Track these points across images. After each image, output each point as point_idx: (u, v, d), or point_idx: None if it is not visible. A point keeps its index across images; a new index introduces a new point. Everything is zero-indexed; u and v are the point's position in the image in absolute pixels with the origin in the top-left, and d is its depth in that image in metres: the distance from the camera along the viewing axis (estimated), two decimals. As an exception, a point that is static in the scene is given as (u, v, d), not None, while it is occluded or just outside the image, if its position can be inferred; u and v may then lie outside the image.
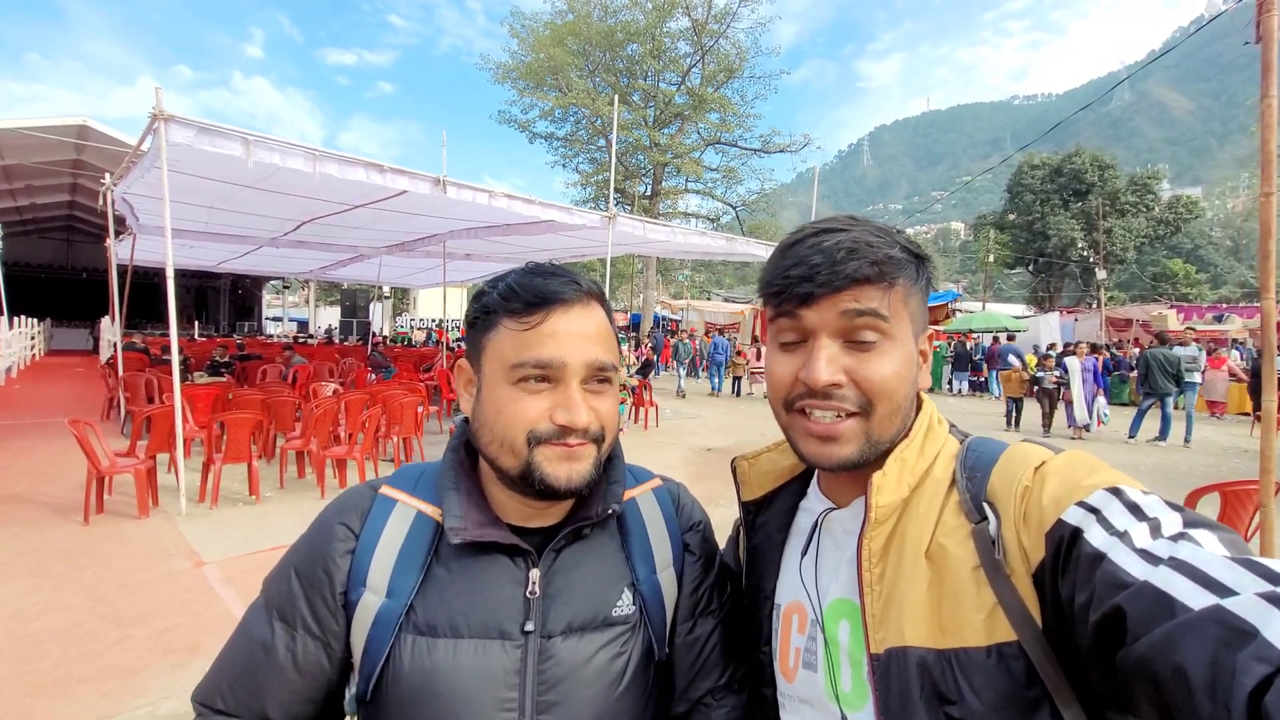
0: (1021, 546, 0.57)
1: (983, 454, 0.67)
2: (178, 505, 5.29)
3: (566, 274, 0.76)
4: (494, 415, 0.72)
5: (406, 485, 0.81)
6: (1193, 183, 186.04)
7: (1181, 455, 9.19)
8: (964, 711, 0.57)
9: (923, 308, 0.72)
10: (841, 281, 0.66)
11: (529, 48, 25.94)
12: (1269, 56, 2.82)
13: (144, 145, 5.89)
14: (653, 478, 0.93)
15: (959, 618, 0.59)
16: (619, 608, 0.78)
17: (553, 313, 0.72)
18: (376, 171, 6.39)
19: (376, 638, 0.72)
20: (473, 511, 0.75)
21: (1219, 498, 3.33)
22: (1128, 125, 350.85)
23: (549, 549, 0.77)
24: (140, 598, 3.72)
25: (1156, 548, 0.49)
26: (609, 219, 8.81)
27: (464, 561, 0.75)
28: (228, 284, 33.43)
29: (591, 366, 0.73)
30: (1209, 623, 0.42)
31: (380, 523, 0.77)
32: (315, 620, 0.75)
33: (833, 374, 0.66)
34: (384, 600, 0.73)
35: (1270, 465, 2.71)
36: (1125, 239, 36.81)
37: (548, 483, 0.71)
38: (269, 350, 15.38)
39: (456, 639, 0.71)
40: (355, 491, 0.82)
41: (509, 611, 0.73)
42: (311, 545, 0.78)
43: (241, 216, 9.76)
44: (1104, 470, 0.59)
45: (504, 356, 0.72)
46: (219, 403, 7.58)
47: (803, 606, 0.75)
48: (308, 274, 20.93)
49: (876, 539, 0.66)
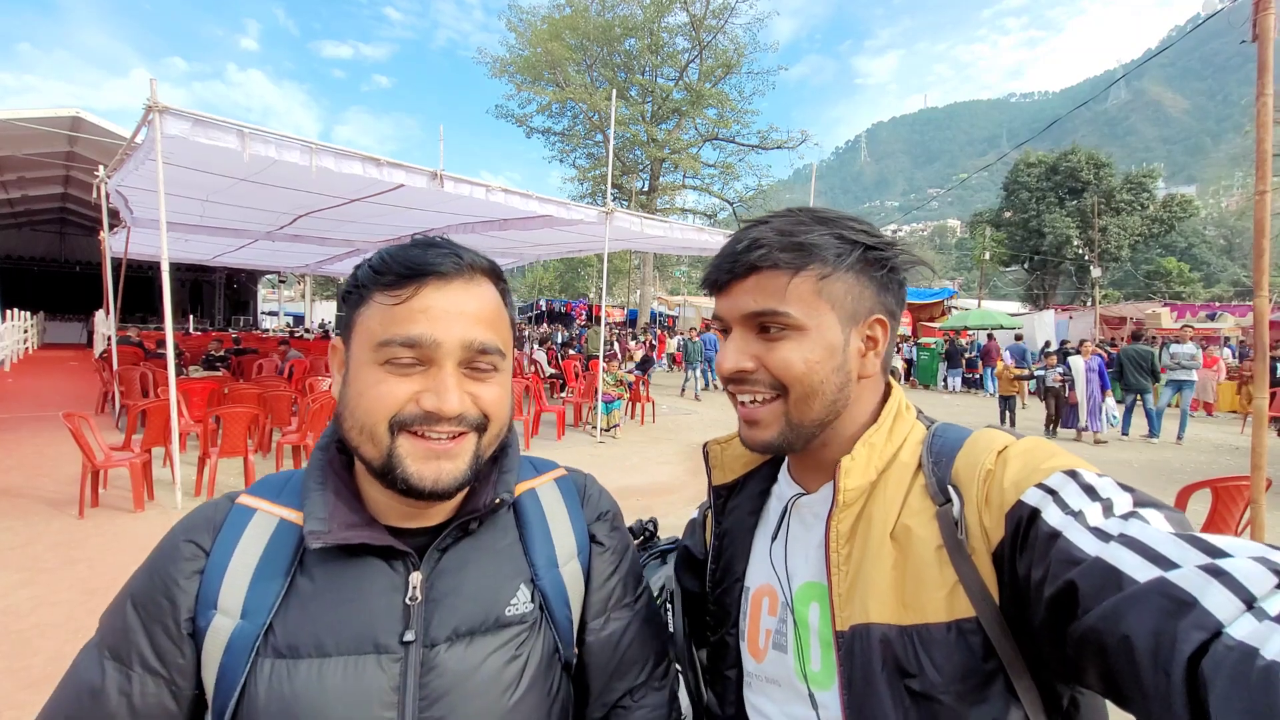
0: (983, 526, 0.60)
1: (948, 439, 0.69)
2: (173, 499, 5.29)
3: (450, 246, 0.68)
4: (356, 398, 0.65)
5: (269, 492, 0.73)
6: (1187, 181, 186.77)
7: (1174, 452, 9.26)
8: (924, 684, 0.59)
9: (855, 293, 0.71)
10: (741, 270, 0.70)
11: (526, 42, 25.83)
12: (1264, 55, 2.84)
13: (138, 137, 5.85)
14: (556, 468, 0.87)
15: (921, 595, 0.61)
16: (514, 606, 0.71)
17: (426, 286, 0.65)
18: (373, 165, 6.36)
19: (229, 667, 0.62)
20: (340, 512, 0.67)
21: (1210, 494, 3.36)
22: (1124, 124, 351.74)
23: (432, 549, 0.70)
24: (136, 591, 3.71)
25: (1108, 525, 0.51)
26: (606, 214, 8.80)
27: (332, 570, 0.66)
28: (223, 278, 33.25)
29: (470, 348, 0.65)
30: (1153, 594, 0.44)
31: (235, 536, 0.68)
32: (156, 655, 0.64)
33: (738, 361, 0.71)
34: (237, 622, 0.64)
35: (1261, 461, 2.73)
36: (1120, 237, 36.96)
37: (410, 483, 0.63)
38: (265, 344, 15.34)
39: (323, 659, 0.63)
40: (208, 504, 0.72)
41: (385, 622, 0.65)
42: (152, 569, 0.67)
43: (237, 210, 9.70)
44: (1062, 455, 0.61)
45: (371, 333, 0.65)
46: (214, 397, 7.56)
47: (773, 589, 0.77)
48: (304, 268, 20.85)
49: (844, 521, 0.68)
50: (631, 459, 7.97)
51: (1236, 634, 0.40)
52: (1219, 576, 0.43)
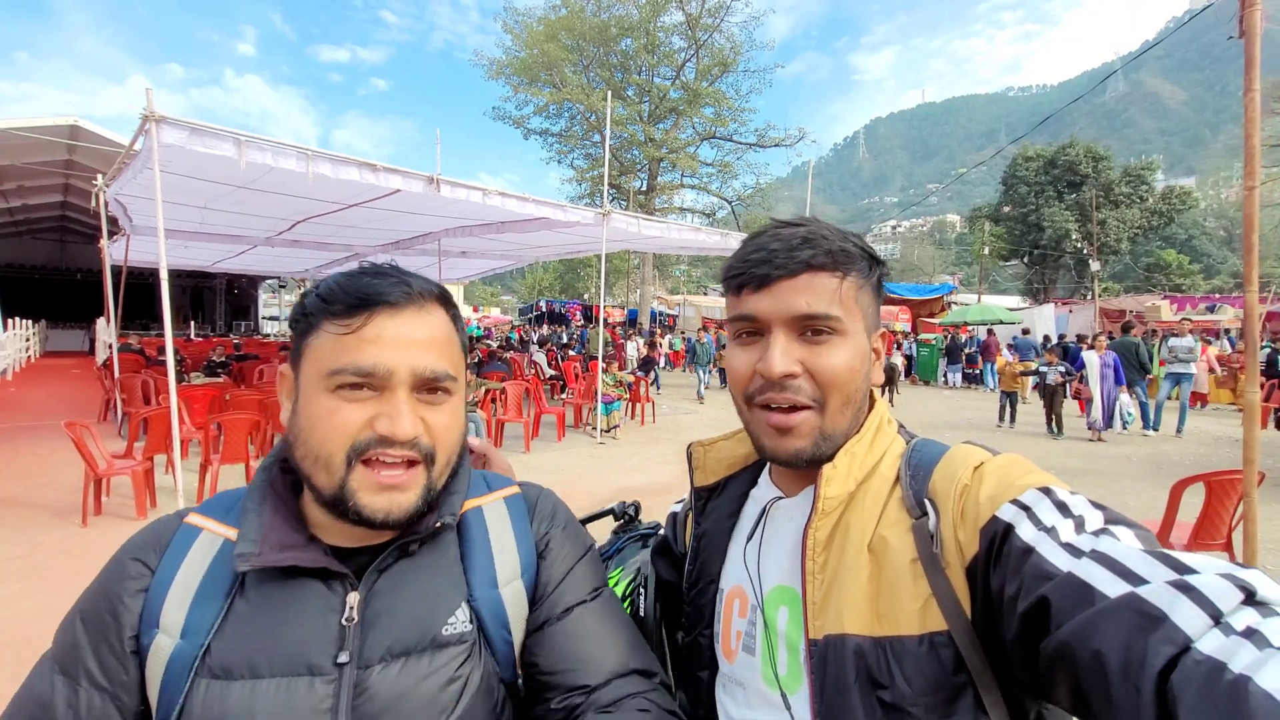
0: (958, 541, 0.60)
1: (926, 454, 0.70)
2: (176, 506, 5.30)
3: (399, 274, 0.69)
4: (309, 428, 0.65)
5: (218, 511, 0.73)
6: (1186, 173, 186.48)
7: (1173, 445, 9.26)
8: (895, 696, 0.60)
9: (874, 307, 0.75)
10: (797, 266, 0.69)
11: (523, 43, 25.83)
12: (1252, 50, 2.85)
13: (136, 146, 5.89)
14: (510, 485, 0.85)
15: (895, 608, 0.62)
16: (451, 625, 0.70)
17: (376, 315, 0.65)
18: (370, 171, 6.40)
19: (169, 685, 0.63)
20: (275, 533, 0.67)
21: (1204, 487, 3.38)
22: (1122, 116, 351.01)
23: (371, 569, 0.69)
24: (140, 598, 3.74)
25: (1080, 541, 0.52)
26: (603, 215, 8.82)
27: (269, 591, 0.67)
28: (223, 284, 33.31)
29: (421, 375, 0.66)
30: (1124, 609, 0.45)
31: (180, 555, 0.69)
32: (102, 670, 0.65)
33: (788, 364, 0.69)
34: (177, 642, 0.64)
35: (1253, 455, 2.75)
36: (1119, 230, 36.92)
37: (363, 515, 0.64)
38: (266, 350, 15.38)
39: (255, 679, 0.63)
40: (158, 522, 0.73)
41: (319, 643, 0.65)
42: (100, 586, 0.69)
43: (235, 216, 9.75)
44: (1037, 472, 0.62)
45: (321, 363, 0.65)
46: (216, 403, 7.60)
47: (744, 591, 0.78)
48: (303, 273, 20.89)
49: (821, 529, 0.69)
50: (631, 459, 7.99)
51: (1205, 649, 0.40)
52: (1187, 592, 0.43)
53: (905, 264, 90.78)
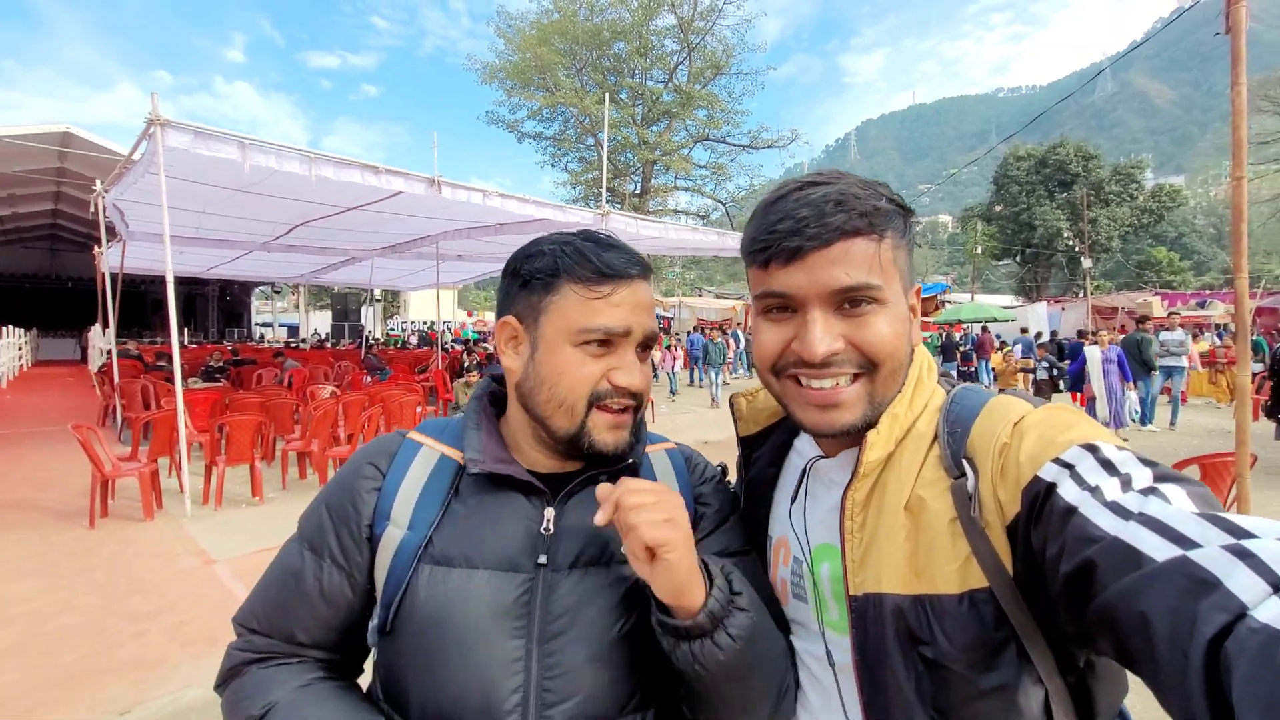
0: (997, 500, 0.59)
1: (965, 407, 0.68)
2: (182, 508, 5.34)
3: (628, 250, 0.81)
4: (555, 376, 0.77)
5: (432, 432, 0.86)
6: (1176, 171, 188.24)
7: (1168, 438, 9.37)
8: (936, 652, 0.60)
9: (909, 263, 0.71)
10: (830, 234, 0.64)
11: (515, 48, 25.90)
12: (1238, 46, 2.94)
13: (138, 151, 5.91)
14: (666, 440, 0.96)
15: (933, 566, 0.62)
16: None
17: (621, 286, 0.77)
18: (372, 173, 6.45)
19: (397, 568, 0.75)
20: (492, 448, 0.80)
21: (1198, 470, 3.47)
22: (1111, 115, 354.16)
23: (565, 491, 0.80)
24: (153, 595, 3.78)
25: (1127, 501, 0.50)
26: (602, 216, 8.89)
27: (482, 498, 0.79)
28: (215, 290, 33.22)
29: (650, 335, 0.80)
30: (1173, 573, 0.43)
31: (406, 463, 0.82)
32: (341, 551, 0.79)
33: (830, 344, 0.66)
34: (405, 533, 0.77)
35: (1245, 437, 2.83)
36: (1110, 228, 37.25)
37: (597, 448, 0.77)
38: (261, 355, 15.35)
39: (471, 569, 0.74)
40: (385, 437, 0.87)
41: (522, 545, 0.76)
42: (342, 483, 0.83)
43: (234, 221, 9.76)
44: (1080, 425, 0.59)
45: (570, 319, 0.76)
46: (217, 407, 7.61)
47: (788, 542, 0.81)
48: (298, 278, 20.85)
49: (860, 490, 0.68)
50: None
51: (1262, 617, 0.38)
52: (1245, 558, 0.41)
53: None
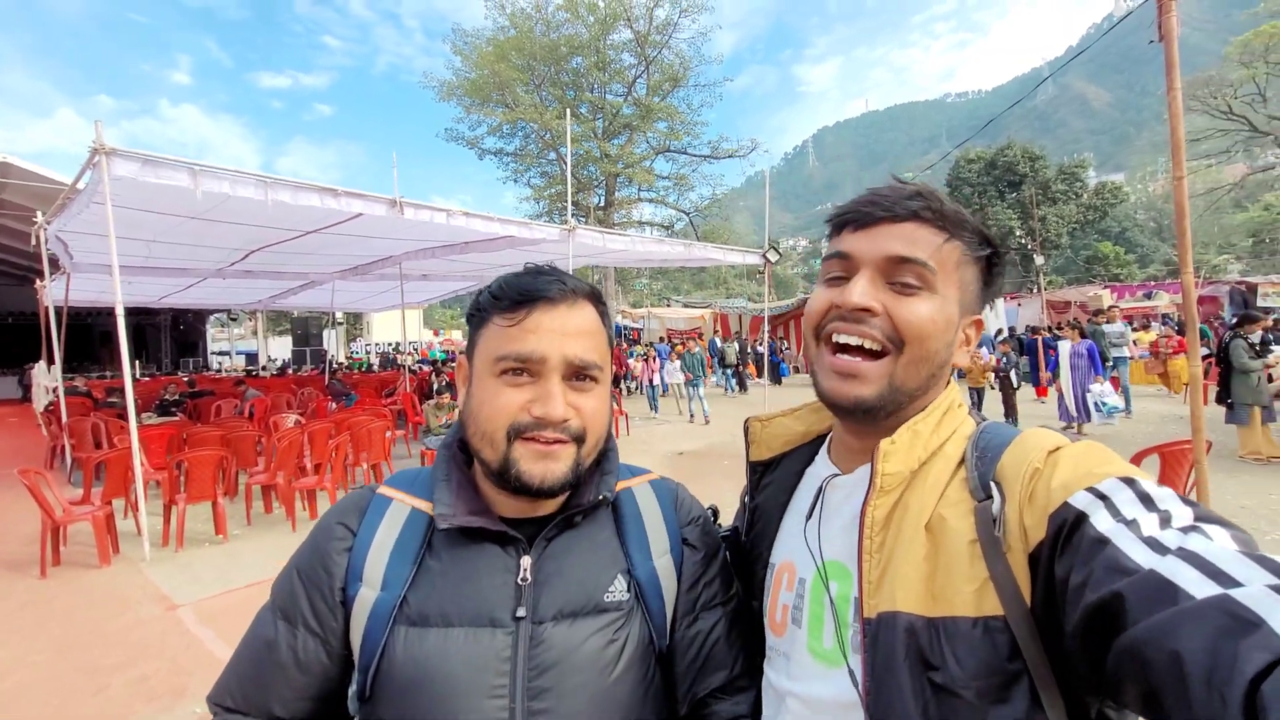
0: (1023, 525, 0.59)
1: (997, 437, 0.68)
2: (140, 550, 5.09)
3: (556, 274, 0.78)
4: (478, 408, 0.75)
5: (403, 485, 0.84)
6: (1116, 169, 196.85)
7: (1124, 425, 9.73)
8: (945, 677, 0.59)
9: (975, 286, 0.73)
10: (903, 212, 0.69)
11: (473, 65, 25.79)
12: (1170, 53, 3.08)
13: (82, 181, 5.68)
14: (649, 472, 0.94)
15: (950, 588, 0.61)
16: (611, 593, 0.78)
17: (535, 309, 0.74)
18: (331, 196, 6.30)
19: (372, 631, 0.73)
20: (462, 501, 0.78)
21: (1159, 459, 3.59)
22: (1053, 118, 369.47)
23: (540, 536, 0.78)
24: (114, 646, 3.59)
25: (1165, 538, 0.49)
26: (568, 231, 8.86)
27: (455, 552, 0.77)
28: (168, 319, 32.01)
29: (571, 363, 0.74)
30: (1213, 610, 0.42)
31: (376, 520, 0.80)
32: (315, 617, 0.77)
33: (866, 299, 0.68)
34: (379, 594, 0.75)
35: (1200, 425, 2.95)
36: (1058, 225, 38.73)
37: (523, 480, 0.73)
38: (220, 385, 14.85)
39: (447, 628, 0.72)
40: (355, 494, 0.85)
41: (500, 599, 0.74)
42: (312, 545, 0.81)
43: (186, 249, 9.44)
44: (1119, 462, 0.59)
45: (489, 351, 0.75)
46: (174, 442, 7.31)
47: (793, 565, 0.79)
48: (255, 304, 20.29)
49: (880, 508, 0.67)
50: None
51: None
52: None
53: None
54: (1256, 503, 5.65)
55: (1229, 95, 27.70)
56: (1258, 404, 7.03)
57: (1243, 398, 7.05)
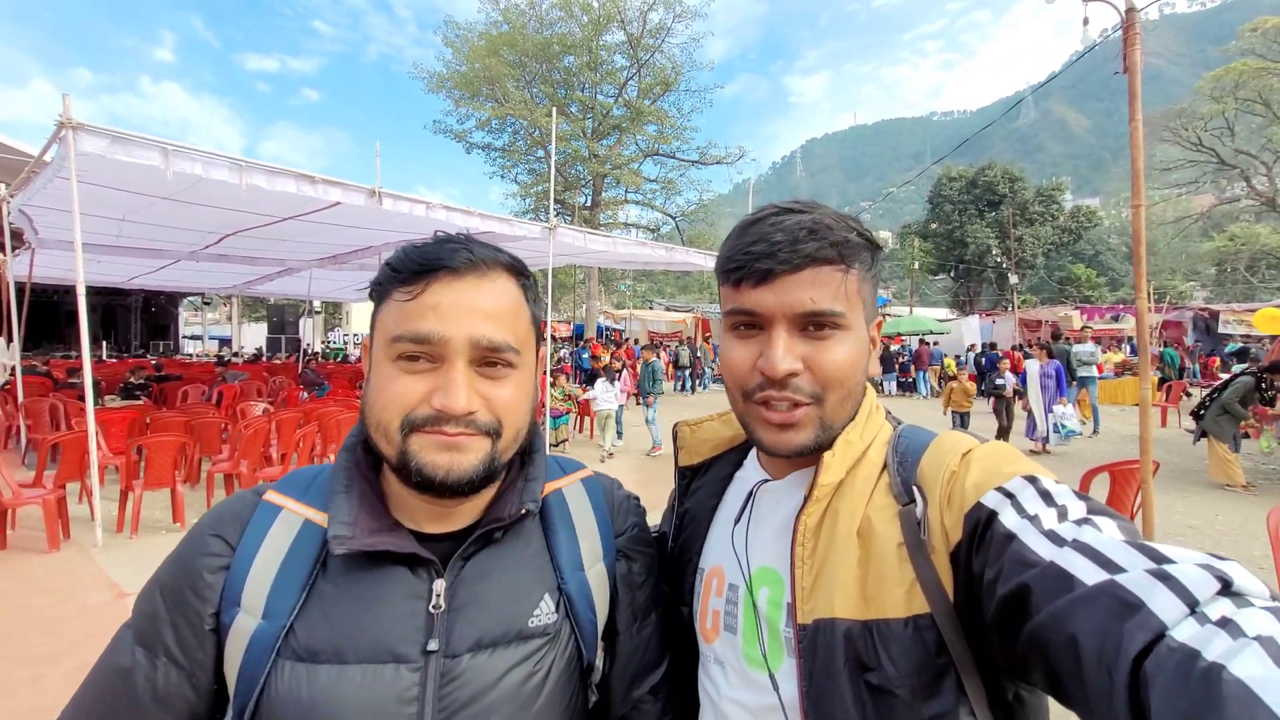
0: (943, 526, 0.61)
1: (914, 440, 0.71)
2: (93, 536, 4.96)
3: (465, 241, 0.67)
4: (373, 396, 0.66)
5: (295, 490, 0.72)
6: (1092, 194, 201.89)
7: (1087, 444, 9.96)
8: (881, 678, 0.61)
9: (874, 295, 0.74)
10: (801, 260, 0.66)
11: (464, 58, 25.63)
12: (1134, 84, 3.19)
13: (48, 155, 5.53)
14: (581, 467, 0.88)
15: (882, 591, 0.63)
16: (536, 618, 0.71)
17: (436, 281, 0.64)
18: (308, 183, 6.22)
19: (250, 665, 0.62)
20: (365, 517, 0.67)
21: (1109, 477, 3.70)
22: (1034, 140, 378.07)
23: (456, 557, 0.69)
24: (54, 634, 3.48)
25: (1062, 530, 0.53)
26: (549, 230, 8.85)
27: (355, 575, 0.66)
28: (139, 301, 31.20)
29: (479, 345, 0.64)
30: (1102, 595, 0.45)
31: (260, 533, 0.68)
32: (179, 646, 0.64)
33: (791, 363, 0.67)
34: (259, 622, 0.63)
35: (1148, 446, 3.04)
36: (1034, 246, 39.66)
37: (424, 473, 0.63)
38: (190, 371, 14.53)
39: (341, 665, 0.62)
40: (236, 498, 0.72)
41: (406, 631, 0.64)
42: (180, 561, 0.68)
43: (157, 229, 9.23)
44: (1023, 461, 0.63)
45: (386, 330, 0.65)
46: (136, 427, 7.14)
47: (722, 570, 0.79)
48: (230, 289, 19.90)
49: (812, 515, 0.68)
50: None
51: (1179, 636, 0.40)
52: (1165, 581, 0.44)
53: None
54: (1203, 523, 5.83)
55: (1199, 128, 28.62)
56: (1219, 439, 7.09)
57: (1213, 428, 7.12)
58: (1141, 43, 3.28)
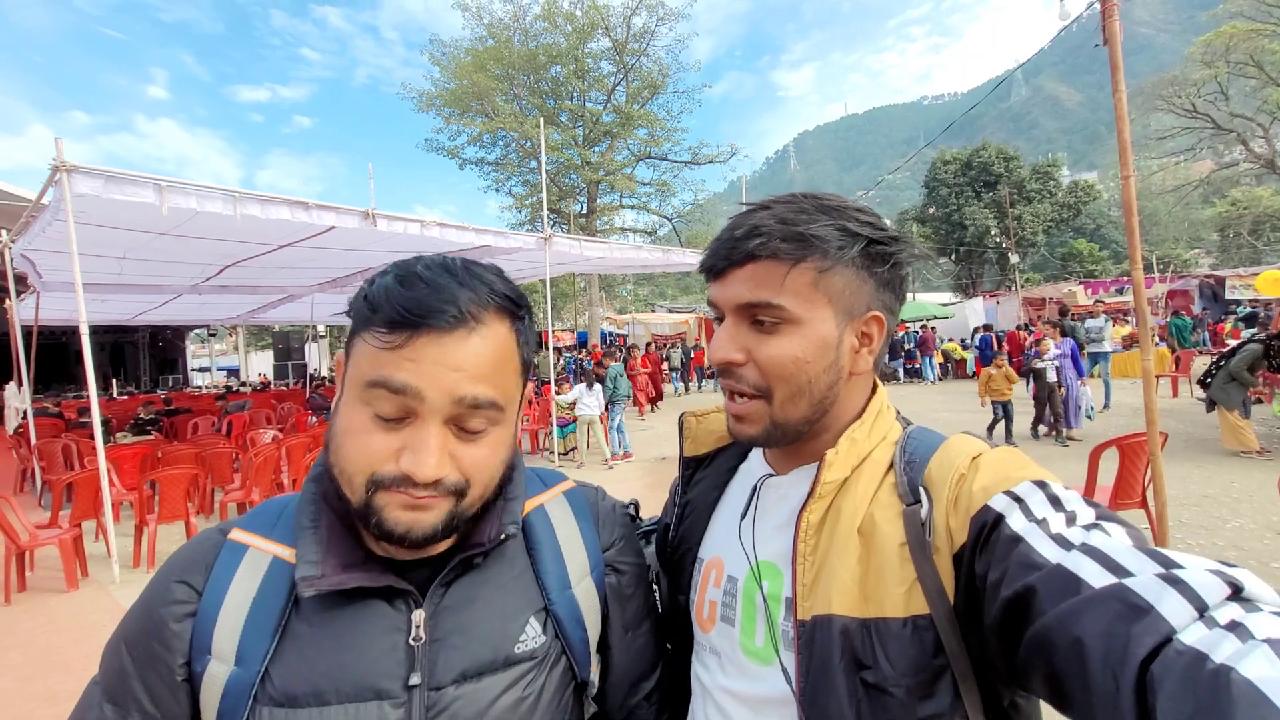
0: (949, 528, 0.61)
1: (923, 442, 0.70)
2: (110, 573, 5.01)
3: (454, 282, 0.61)
4: (340, 439, 0.62)
5: (262, 526, 0.69)
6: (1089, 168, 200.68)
7: (1100, 419, 9.88)
8: (877, 677, 0.61)
9: (854, 287, 0.70)
10: (739, 257, 0.68)
11: (451, 75, 25.78)
12: (1114, 55, 3.18)
13: (45, 198, 5.60)
14: (563, 479, 0.86)
15: (882, 589, 0.63)
16: (523, 643, 0.68)
17: (419, 338, 0.59)
18: (302, 209, 6.27)
19: (227, 714, 0.60)
20: (334, 553, 0.64)
21: (1118, 451, 3.66)
22: (1027, 118, 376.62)
23: (436, 584, 0.66)
24: (76, 672, 3.52)
25: (1070, 535, 0.53)
26: (545, 240, 8.87)
27: (330, 613, 0.63)
28: (146, 337, 31.46)
29: (461, 403, 0.60)
30: (1109, 599, 0.45)
31: (227, 575, 0.65)
32: (152, 701, 0.62)
33: (729, 352, 0.69)
34: (232, 669, 0.61)
35: (1154, 417, 3.02)
36: (1034, 224, 39.38)
37: (385, 528, 0.60)
38: (199, 403, 14.65)
39: (322, 707, 0.60)
40: (199, 539, 0.69)
41: (387, 666, 0.62)
42: (144, 611, 0.64)
43: (158, 265, 9.33)
44: (1033, 467, 0.63)
45: (360, 369, 0.61)
46: (148, 462, 7.20)
47: (722, 562, 0.79)
48: (234, 319, 20.07)
49: (815, 512, 0.68)
50: (594, 479, 7.97)
51: (1188, 640, 0.40)
52: (1175, 585, 0.44)
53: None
54: (1218, 491, 5.77)
55: (1192, 94, 28.39)
56: (1228, 406, 7.02)
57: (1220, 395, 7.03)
58: (1124, 13, 3.27)
